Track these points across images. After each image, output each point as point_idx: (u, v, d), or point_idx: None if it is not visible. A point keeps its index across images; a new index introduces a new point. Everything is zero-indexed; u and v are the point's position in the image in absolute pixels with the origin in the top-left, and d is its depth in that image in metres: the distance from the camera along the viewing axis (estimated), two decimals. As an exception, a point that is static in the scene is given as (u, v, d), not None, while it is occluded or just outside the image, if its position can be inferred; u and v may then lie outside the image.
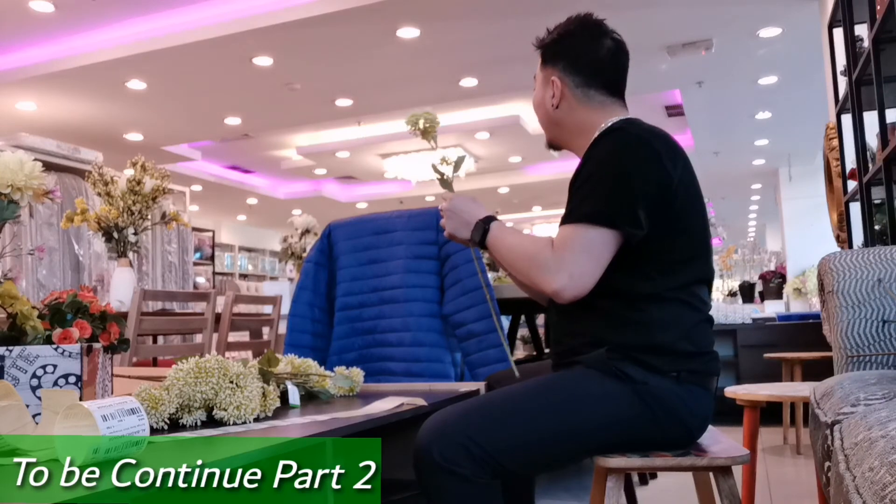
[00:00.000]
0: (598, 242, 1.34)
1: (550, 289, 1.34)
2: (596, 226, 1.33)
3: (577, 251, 1.34)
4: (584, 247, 1.34)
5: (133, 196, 3.27)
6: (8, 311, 1.31)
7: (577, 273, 1.33)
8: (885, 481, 0.70)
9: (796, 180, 8.66)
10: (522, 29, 4.77)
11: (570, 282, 1.33)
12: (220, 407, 1.29)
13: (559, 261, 1.34)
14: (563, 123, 1.55)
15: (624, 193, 1.34)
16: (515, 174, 10.49)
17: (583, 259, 1.33)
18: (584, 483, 2.97)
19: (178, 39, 5.16)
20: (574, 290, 1.34)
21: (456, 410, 1.32)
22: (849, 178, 3.66)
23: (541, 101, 1.57)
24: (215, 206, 11.46)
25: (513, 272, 1.47)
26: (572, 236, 1.35)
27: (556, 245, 1.36)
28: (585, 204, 1.36)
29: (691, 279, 1.41)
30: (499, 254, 1.46)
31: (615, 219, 1.33)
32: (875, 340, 1.76)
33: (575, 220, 1.36)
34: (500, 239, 1.46)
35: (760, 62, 5.70)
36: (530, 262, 1.38)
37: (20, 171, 1.39)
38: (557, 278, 1.33)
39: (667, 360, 1.35)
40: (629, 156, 1.37)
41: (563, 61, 1.52)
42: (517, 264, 1.42)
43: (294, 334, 2.40)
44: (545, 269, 1.34)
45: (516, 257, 1.42)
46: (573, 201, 1.39)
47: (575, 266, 1.33)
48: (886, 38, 2.82)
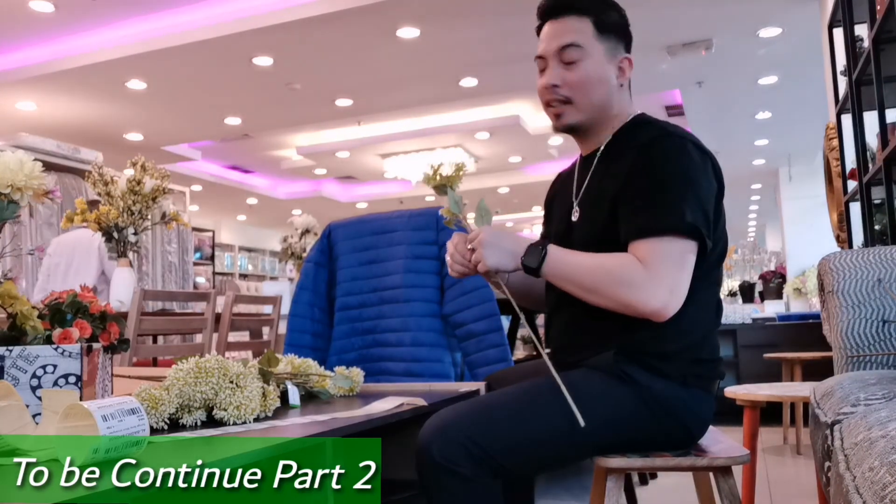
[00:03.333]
0: (688, 255, 1.29)
1: (650, 308, 1.26)
2: (683, 237, 1.28)
3: (672, 265, 1.27)
4: (677, 260, 1.28)
5: (133, 196, 3.27)
6: (8, 311, 1.31)
7: (676, 289, 1.27)
8: (885, 481, 0.70)
9: (796, 180, 8.66)
10: (522, 29, 4.74)
11: (671, 298, 1.26)
12: (220, 407, 1.29)
13: (655, 277, 1.26)
14: (611, 108, 1.45)
15: (700, 204, 1.31)
16: (515, 174, 10.49)
17: (678, 273, 1.28)
18: (584, 483, 2.96)
19: (178, 39, 5.17)
20: (674, 306, 1.27)
21: (456, 410, 1.32)
22: (849, 178, 3.66)
23: (603, 78, 1.43)
24: (215, 206, 11.46)
25: (586, 294, 1.32)
26: (663, 249, 1.27)
27: (647, 260, 1.27)
28: (670, 214, 1.29)
29: (708, 285, 1.40)
30: (565, 276, 1.33)
31: (703, 232, 1.29)
32: (875, 340, 1.76)
33: (660, 233, 1.28)
34: (565, 262, 1.34)
35: (760, 62, 5.70)
36: (617, 283, 1.28)
37: (20, 171, 1.39)
38: (657, 296, 1.25)
39: (676, 365, 1.35)
40: (695, 163, 1.33)
41: (626, 44, 1.47)
42: (602, 289, 1.30)
43: (294, 334, 2.40)
44: (637, 288, 1.26)
45: (596, 280, 1.30)
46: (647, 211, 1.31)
47: (674, 280, 1.27)
48: (886, 38, 2.82)
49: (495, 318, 2.23)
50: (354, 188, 11.27)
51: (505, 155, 9.49)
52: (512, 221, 14.61)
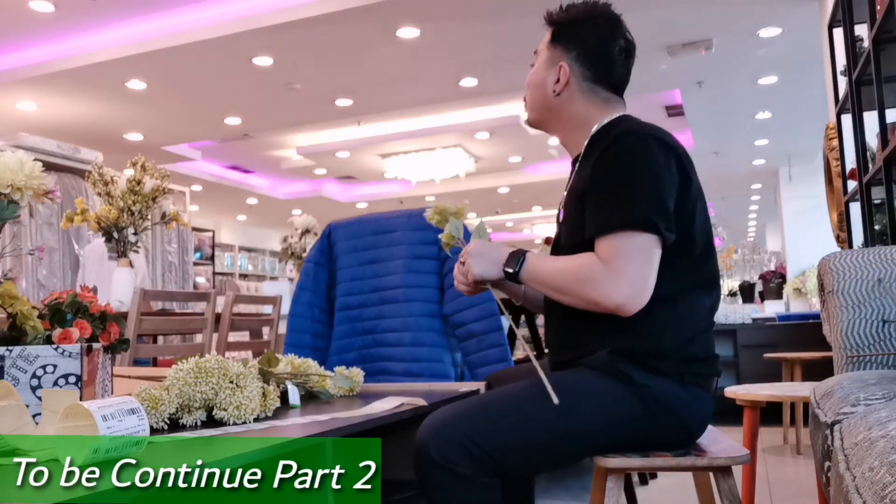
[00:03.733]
0: (648, 248, 1.28)
1: (613, 303, 1.27)
2: (641, 231, 1.28)
3: (631, 259, 1.27)
4: (636, 253, 1.27)
5: (133, 196, 3.27)
6: (8, 311, 1.31)
7: (637, 281, 1.26)
8: (885, 481, 0.70)
9: (796, 180, 8.66)
10: (522, 29, 4.77)
11: (632, 291, 1.26)
12: (220, 407, 1.29)
13: (614, 272, 1.27)
14: (559, 111, 1.49)
15: (659, 198, 1.30)
16: (515, 174, 10.49)
17: (639, 266, 1.27)
18: (584, 483, 2.96)
19: (178, 39, 5.16)
20: (638, 300, 1.27)
21: (455, 409, 1.32)
22: (849, 178, 3.66)
23: (541, 82, 1.49)
24: (215, 206, 11.46)
25: (563, 298, 1.35)
26: (621, 245, 1.28)
27: (606, 257, 1.28)
28: (625, 210, 1.29)
29: (697, 282, 1.40)
30: (539, 280, 1.37)
31: (659, 225, 1.28)
32: (875, 340, 1.76)
33: (618, 228, 1.28)
34: (538, 266, 1.37)
35: (760, 62, 5.70)
36: (581, 282, 1.29)
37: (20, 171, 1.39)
38: (619, 290, 1.26)
39: (671, 363, 1.35)
40: (655, 160, 1.33)
41: (577, 50, 1.46)
42: (569, 289, 1.32)
43: (294, 334, 2.40)
44: (600, 284, 1.27)
45: (564, 281, 1.33)
46: (606, 208, 1.32)
47: (633, 274, 1.26)
48: (886, 38, 2.82)
49: (495, 318, 2.23)
50: (354, 188, 11.27)
51: (505, 155, 9.49)
52: (512, 221, 14.61)
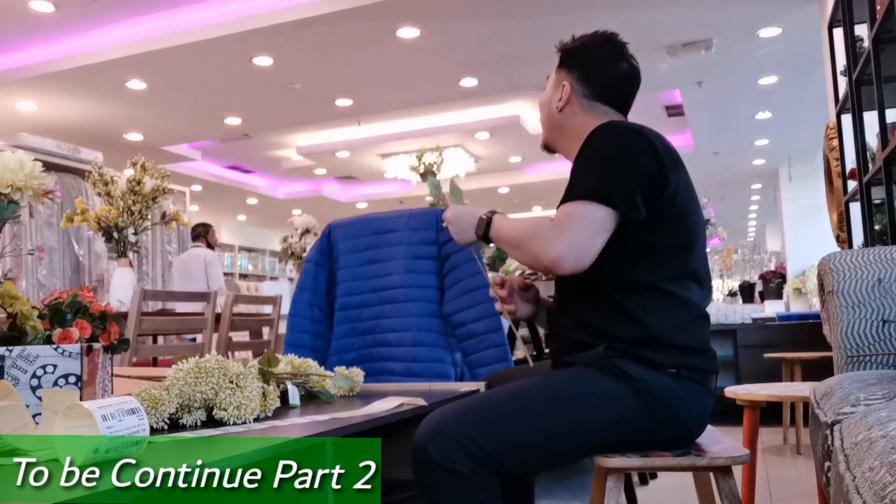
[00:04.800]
0: (598, 218, 1.34)
1: (549, 258, 1.33)
2: (595, 203, 1.34)
3: (577, 222, 1.34)
4: (584, 219, 1.34)
5: (133, 196, 3.27)
6: (8, 311, 1.31)
7: (576, 243, 1.32)
8: (885, 481, 0.70)
9: (796, 180, 8.66)
10: (522, 29, 4.77)
11: (568, 250, 1.32)
12: (220, 407, 1.29)
13: (558, 230, 1.34)
14: (563, 127, 1.58)
15: (621, 177, 1.36)
16: (515, 174, 10.49)
17: (583, 229, 1.33)
18: (584, 483, 2.97)
19: (178, 39, 5.17)
20: (573, 259, 1.32)
21: (454, 409, 1.32)
22: (849, 178, 3.66)
23: (547, 101, 1.62)
24: (215, 206, 11.45)
25: (516, 254, 1.46)
26: (571, 210, 1.35)
27: (556, 218, 1.37)
28: (583, 184, 1.37)
29: (682, 271, 1.41)
30: (503, 239, 1.48)
31: (614, 198, 1.34)
32: (875, 340, 1.76)
33: (574, 199, 1.36)
34: (502, 226, 1.49)
35: (760, 62, 5.70)
36: (530, 237, 1.38)
37: (20, 171, 1.39)
38: (556, 247, 1.32)
39: (665, 354, 1.36)
40: (622, 144, 1.40)
41: (578, 70, 1.57)
42: (520, 243, 1.42)
43: (294, 334, 2.40)
44: (544, 239, 1.35)
45: (518, 236, 1.43)
46: (570, 187, 1.40)
47: (574, 235, 1.33)
48: (886, 38, 2.82)
49: (495, 318, 2.23)
50: (354, 188, 11.27)
51: (505, 155, 9.49)
52: (512, 221, 14.59)
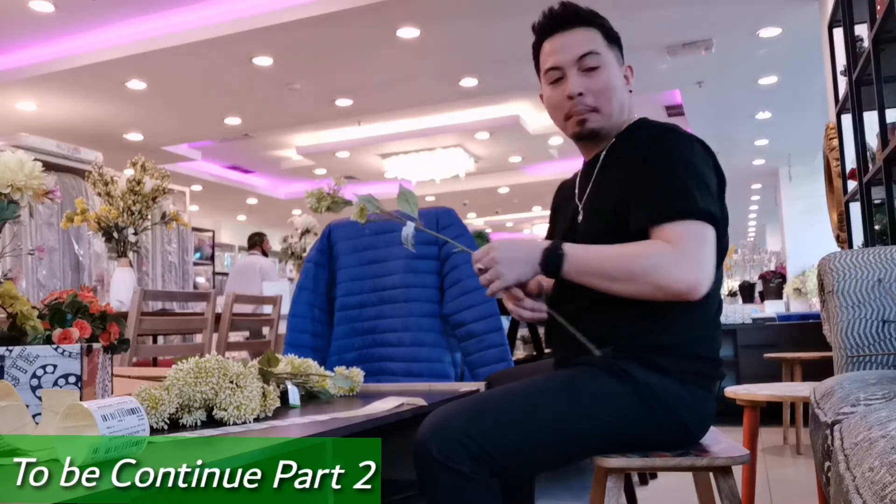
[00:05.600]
0: (710, 238, 1.30)
1: (685, 285, 1.25)
2: (702, 221, 1.30)
3: (698, 244, 1.27)
4: (703, 240, 1.28)
5: (133, 196, 3.27)
6: (8, 311, 1.31)
7: (702, 264, 1.27)
8: (885, 481, 0.70)
9: (796, 180, 8.66)
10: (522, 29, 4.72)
11: (700, 274, 1.26)
12: (220, 407, 1.29)
13: (683, 254, 1.26)
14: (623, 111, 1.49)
15: (711, 192, 1.35)
16: (515, 174, 10.49)
17: (704, 251, 1.28)
18: (584, 483, 2.96)
19: (178, 39, 5.16)
20: (705, 283, 1.26)
21: (455, 407, 1.32)
22: (849, 178, 3.66)
23: (619, 85, 1.47)
24: (215, 206, 11.46)
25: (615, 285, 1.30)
26: (687, 230, 1.28)
27: (672, 240, 1.27)
28: (685, 200, 1.30)
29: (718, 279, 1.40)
30: (593, 273, 1.31)
31: (716, 216, 1.31)
32: (875, 340, 1.76)
33: (681, 217, 1.29)
34: (586, 257, 1.32)
35: (760, 62, 5.70)
36: (648, 266, 1.26)
37: (20, 171, 1.39)
38: (688, 272, 1.25)
39: (674, 360, 1.35)
40: (701, 157, 1.38)
41: (619, 50, 1.51)
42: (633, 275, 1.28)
43: (294, 334, 2.40)
44: (671, 266, 1.25)
45: (623, 266, 1.29)
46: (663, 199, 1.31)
47: (701, 257, 1.27)
48: (886, 38, 2.82)
49: (495, 318, 2.23)
50: (354, 188, 11.26)
51: (505, 155, 9.49)
52: (512, 221, 14.61)
